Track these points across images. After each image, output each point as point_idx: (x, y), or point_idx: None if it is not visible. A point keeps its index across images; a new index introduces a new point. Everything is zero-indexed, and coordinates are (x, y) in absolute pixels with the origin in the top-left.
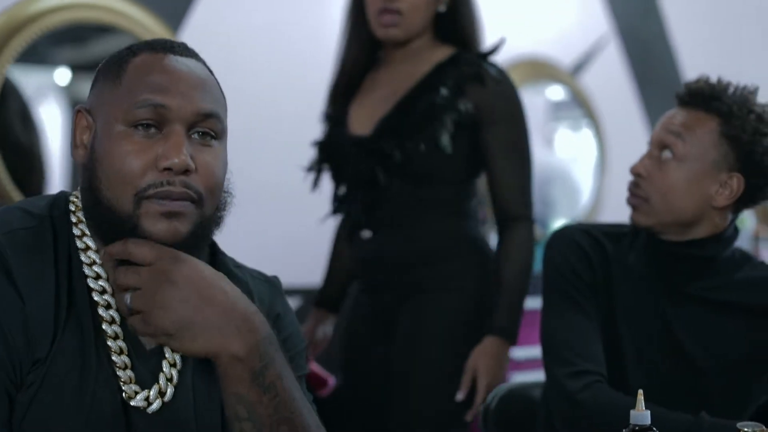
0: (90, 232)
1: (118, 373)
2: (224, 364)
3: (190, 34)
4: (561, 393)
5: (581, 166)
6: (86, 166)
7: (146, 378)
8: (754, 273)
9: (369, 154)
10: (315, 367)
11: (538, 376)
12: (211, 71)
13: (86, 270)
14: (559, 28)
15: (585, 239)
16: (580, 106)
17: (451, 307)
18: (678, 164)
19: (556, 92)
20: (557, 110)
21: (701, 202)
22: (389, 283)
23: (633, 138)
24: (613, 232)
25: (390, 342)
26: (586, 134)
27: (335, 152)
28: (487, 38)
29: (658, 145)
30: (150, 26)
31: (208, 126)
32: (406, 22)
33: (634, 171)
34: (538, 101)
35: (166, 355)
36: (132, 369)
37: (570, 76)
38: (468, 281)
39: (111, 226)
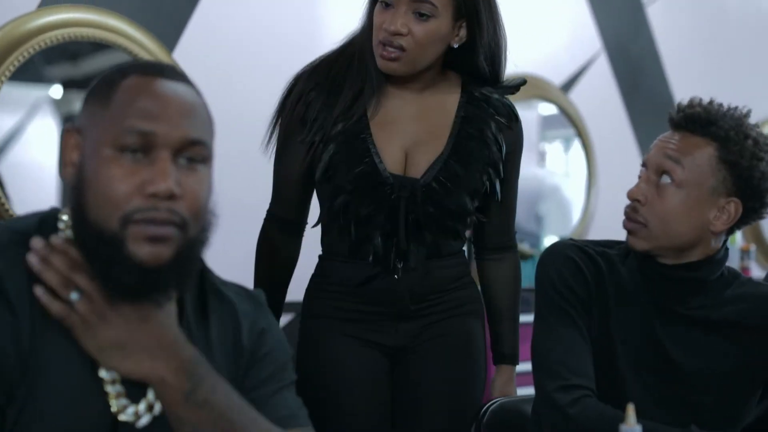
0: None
1: (106, 388)
2: (156, 387)
3: (184, 52)
4: (552, 407)
5: (572, 182)
6: (74, 185)
7: (137, 392)
8: (742, 290)
9: (424, 203)
10: None
11: (529, 391)
12: (200, 94)
13: None
14: (550, 46)
15: (579, 255)
16: (570, 124)
17: (478, 330)
18: (677, 190)
19: (546, 109)
20: (548, 127)
21: (699, 227)
22: (413, 310)
23: (622, 155)
24: (605, 249)
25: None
26: (576, 151)
27: (368, 186)
28: None
29: (656, 170)
30: (145, 44)
31: (195, 152)
32: (408, 59)
33: (632, 196)
34: (529, 118)
35: None
36: (121, 384)
37: (560, 93)
38: (481, 305)
39: (97, 246)
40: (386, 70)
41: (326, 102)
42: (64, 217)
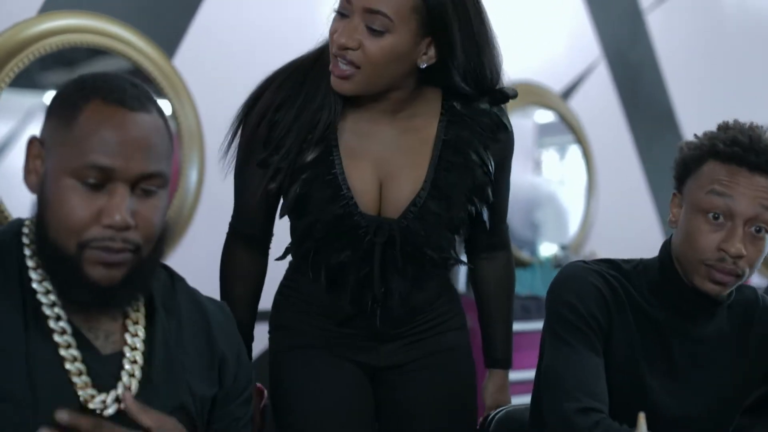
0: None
1: (73, 379)
2: None
3: (184, 58)
4: (571, 428)
5: (569, 189)
6: (37, 198)
7: (107, 381)
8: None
9: (403, 244)
10: None
11: (525, 399)
12: (161, 115)
13: (36, 285)
14: (549, 54)
15: (599, 281)
16: (570, 131)
17: (462, 342)
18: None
19: (544, 116)
20: (545, 134)
21: None
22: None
23: (622, 162)
24: (617, 273)
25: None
26: (575, 158)
27: (340, 230)
28: None
29: (750, 221)
30: (145, 50)
31: (151, 183)
32: (361, 78)
33: (737, 254)
34: (526, 125)
35: (125, 366)
36: (88, 375)
37: (559, 100)
38: (464, 316)
39: (55, 263)
40: (337, 89)
41: (295, 122)
42: (26, 230)
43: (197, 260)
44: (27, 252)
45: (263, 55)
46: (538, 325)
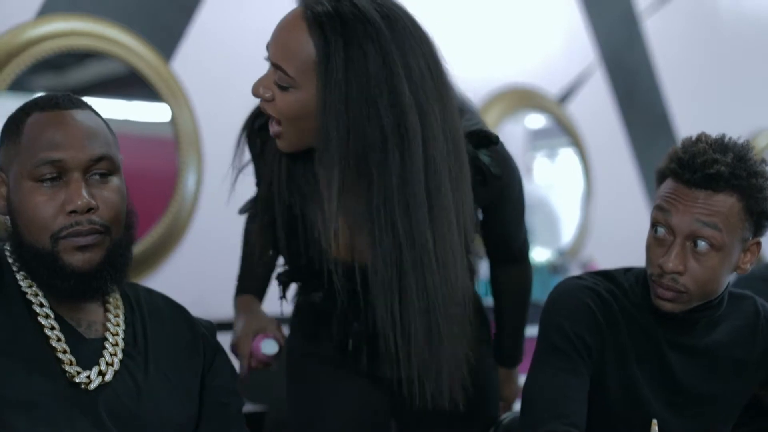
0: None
1: (59, 356)
2: None
3: (182, 62)
4: None
5: (566, 194)
6: (9, 216)
7: (91, 361)
8: (736, 308)
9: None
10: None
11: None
12: (97, 114)
13: (20, 281)
14: (545, 57)
15: (593, 298)
16: (566, 135)
17: (485, 355)
18: (717, 253)
19: (540, 121)
20: (538, 139)
21: (730, 274)
22: None
23: (618, 167)
24: (612, 286)
25: None
26: (572, 162)
27: (314, 276)
28: (474, 69)
29: (688, 236)
30: (143, 54)
31: (102, 167)
32: (285, 133)
33: (673, 269)
34: (518, 130)
35: (107, 347)
36: (72, 354)
37: (556, 104)
38: (486, 329)
39: (36, 263)
40: (279, 146)
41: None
42: (7, 246)
43: (196, 264)
44: (14, 268)
45: (262, 59)
46: (534, 330)
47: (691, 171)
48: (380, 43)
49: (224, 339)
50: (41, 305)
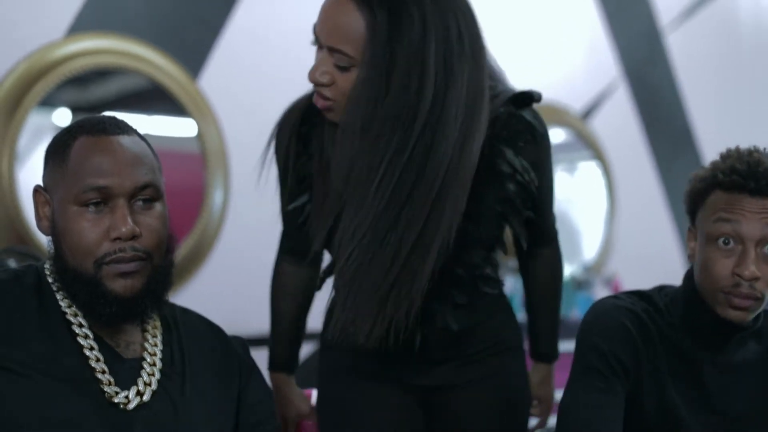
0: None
1: (98, 376)
2: None
3: (209, 79)
4: None
5: (587, 209)
6: (52, 237)
7: (129, 382)
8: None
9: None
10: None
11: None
12: (143, 138)
13: (60, 301)
14: (568, 73)
15: (629, 319)
16: (589, 149)
17: (517, 364)
18: None
19: (560, 135)
20: (557, 152)
21: None
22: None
23: (641, 181)
24: (647, 305)
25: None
26: (596, 178)
27: None
28: None
29: (759, 242)
30: (171, 72)
31: (147, 194)
32: (340, 110)
33: (753, 275)
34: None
35: (145, 368)
36: (110, 374)
37: (579, 120)
38: (518, 333)
39: (79, 287)
40: (328, 117)
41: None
42: (47, 265)
43: (223, 280)
44: (54, 288)
45: (288, 76)
46: (562, 346)
47: (755, 180)
48: (422, 10)
49: (255, 355)
50: (81, 325)
